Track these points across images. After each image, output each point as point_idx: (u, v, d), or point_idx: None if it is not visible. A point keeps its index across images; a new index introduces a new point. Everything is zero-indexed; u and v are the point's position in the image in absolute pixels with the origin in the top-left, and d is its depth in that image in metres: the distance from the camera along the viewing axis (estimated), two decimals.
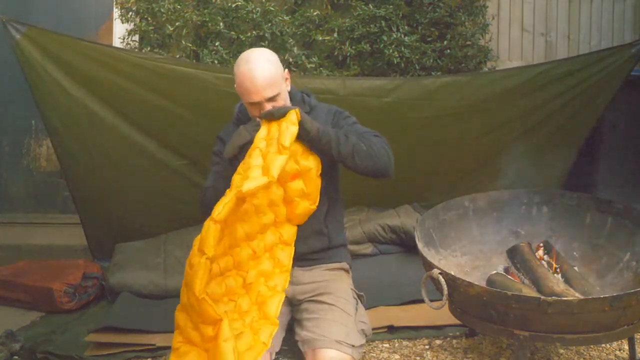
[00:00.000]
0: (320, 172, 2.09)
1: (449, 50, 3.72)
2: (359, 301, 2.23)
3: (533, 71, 3.37)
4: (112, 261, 3.20)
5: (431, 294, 2.20)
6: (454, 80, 3.37)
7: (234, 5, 3.55)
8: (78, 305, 3.00)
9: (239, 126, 2.13)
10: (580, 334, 2.03)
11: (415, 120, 3.27)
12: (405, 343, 2.55)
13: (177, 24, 3.53)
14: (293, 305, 2.21)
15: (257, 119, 2.07)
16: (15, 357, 2.49)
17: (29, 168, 4.42)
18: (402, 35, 3.61)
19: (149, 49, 3.58)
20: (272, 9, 3.57)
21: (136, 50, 3.68)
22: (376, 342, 2.54)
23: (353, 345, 2.02)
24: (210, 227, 1.85)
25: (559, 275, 2.39)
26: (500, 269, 2.47)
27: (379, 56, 3.67)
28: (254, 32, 3.54)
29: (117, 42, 3.88)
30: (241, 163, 1.99)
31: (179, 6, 3.54)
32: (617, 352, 2.42)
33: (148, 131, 3.24)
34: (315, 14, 3.63)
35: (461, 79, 3.41)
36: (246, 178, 1.89)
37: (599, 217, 2.52)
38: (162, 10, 3.52)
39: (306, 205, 2.09)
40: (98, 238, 3.46)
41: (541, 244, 2.52)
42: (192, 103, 3.13)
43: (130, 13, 3.66)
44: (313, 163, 2.06)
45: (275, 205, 2.09)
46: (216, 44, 3.54)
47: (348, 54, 3.66)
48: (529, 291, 2.22)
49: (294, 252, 2.14)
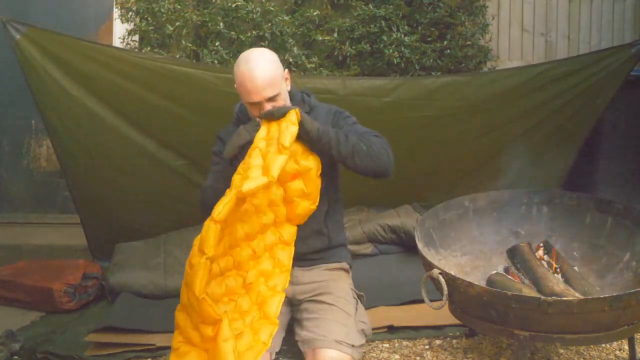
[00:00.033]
0: (320, 172, 2.08)
1: (449, 50, 3.72)
2: (359, 301, 2.24)
3: (533, 71, 3.36)
4: (112, 261, 3.20)
5: (431, 294, 2.19)
6: (454, 80, 3.37)
7: (234, 5, 3.55)
8: (78, 305, 3.00)
9: (239, 126, 2.13)
10: (580, 334, 2.03)
11: (415, 120, 3.27)
12: (405, 343, 2.55)
13: (177, 24, 3.53)
14: (293, 305, 2.21)
15: (257, 119, 2.06)
16: (15, 357, 2.49)
17: (29, 168, 4.42)
18: (402, 35, 3.61)
19: (149, 49, 3.58)
20: (272, 9, 3.57)
21: (136, 50, 3.68)
22: (376, 342, 2.54)
23: (353, 345, 2.02)
24: (210, 227, 1.85)
25: (559, 275, 2.38)
26: (500, 269, 2.47)
27: (379, 56, 3.67)
28: (254, 32, 3.54)
29: (117, 42, 3.88)
30: (241, 163, 1.99)
31: (179, 6, 3.54)
32: (617, 352, 2.42)
33: (148, 131, 3.24)
34: (315, 14, 3.63)
35: (461, 79, 3.41)
36: (246, 178, 1.89)
37: (599, 217, 2.52)
38: (162, 10, 3.52)
39: (306, 206, 2.09)
40: (98, 238, 3.46)
41: (541, 244, 2.52)
42: (192, 103, 3.13)
43: (130, 13, 3.66)
44: (313, 163, 2.06)
45: (275, 205, 2.09)
46: (216, 44, 3.54)
47: (348, 54, 3.66)
48: (529, 291, 2.22)
49: (294, 252, 2.14)
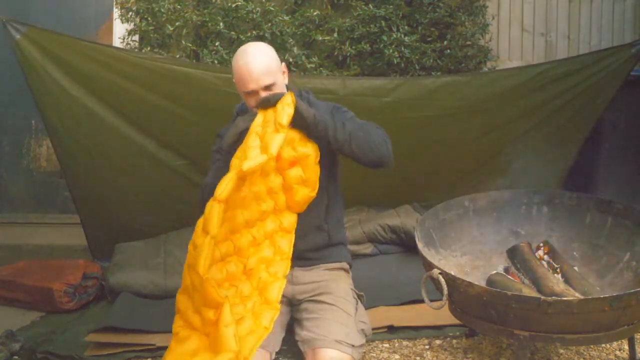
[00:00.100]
0: (318, 159, 2.09)
1: (449, 50, 3.72)
2: (359, 301, 2.24)
3: (533, 71, 3.36)
4: (112, 261, 3.20)
5: (431, 294, 2.19)
6: (454, 80, 3.37)
7: (234, 5, 3.54)
8: (78, 305, 3.00)
9: None
10: (580, 334, 2.03)
11: (415, 120, 3.27)
12: (405, 343, 2.55)
13: (177, 24, 3.53)
14: (293, 305, 2.21)
15: (254, 110, 2.07)
16: (15, 357, 2.49)
17: (29, 168, 4.42)
18: (402, 35, 3.61)
19: (149, 49, 3.58)
20: (272, 9, 3.56)
21: (136, 50, 3.68)
22: (376, 342, 2.54)
23: (353, 345, 2.02)
24: (213, 207, 1.86)
25: (559, 275, 2.38)
26: (500, 269, 2.47)
27: (379, 56, 3.67)
28: (254, 32, 3.54)
29: (117, 42, 3.88)
30: (239, 147, 2.00)
31: (179, 6, 3.54)
32: (617, 352, 2.42)
33: (148, 131, 3.24)
34: (315, 14, 3.63)
35: (461, 79, 3.41)
36: (245, 159, 1.90)
37: (599, 217, 2.52)
38: (162, 10, 3.52)
39: (305, 193, 2.09)
40: (98, 238, 3.45)
41: (541, 244, 2.52)
42: (192, 103, 3.13)
43: (130, 13, 3.66)
44: (311, 150, 2.07)
45: (274, 193, 2.09)
46: (216, 44, 3.54)
47: (348, 54, 3.66)
48: (529, 291, 2.22)
49: (293, 250, 2.13)
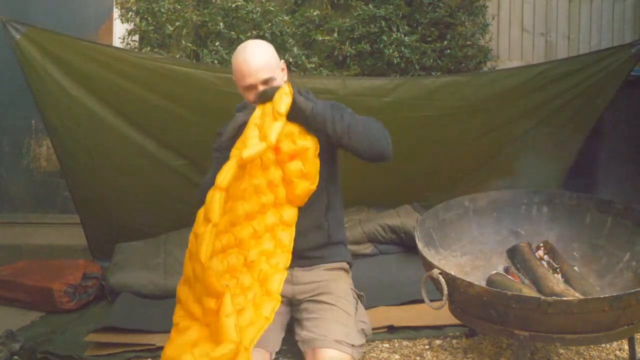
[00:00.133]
0: (318, 152, 2.10)
1: (449, 50, 3.72)
2: (359, 301, 2.24)
3: (533, 71, 3.36)
4: (112, 261, 3.20)
5: (431, 294, 2.19)
6: (454, 80, 3.37)
7: (234, 5, 3.55)
8: (78, 305, 3.00)
9: None
10: (580, 334, 2.03)
11: (415, 120, 3.26)
12: (405, 343, 2.55)
13: (177, 24, 3.53)
14: (293, 305, 2.21)
15: (253, 105, 2.08)
16: (15, 357, 2.48)
17: (29, 168, 4.42)
18: (402, 35, 3.61)
19: (149, 49, 3.58)
20: (272, 9, 3.57)
21: (136, 50, 3.68)
22: (376, 342, 2.54)
23: (353, 345, 2.02)
24: (215, 195, 1.88)
25: (559, 275, 2.39)
26: (500, 269, 2.47)
27: (379, 56, 3.67)
28: (254, 32, 3.54)
29: (117, 42, 3.88)
30: (238, 139, 2.01)
31: (179, 6, 3.54)
32: (617, 352, 2.42)
33: (148, 131, 3.23)
34: (315, 14, 3.63)
35: (461, 79, 3.41)
36: (245, 148, 1.92)
37: (599, 217, 2.52)
38: (162, 10, 3.52)
39: (305, 186, 2.09)
40: (98, 238, 3.45)
41: (541, 244, 2.52)
42: (192, 103, 3.13)
43: (130, 13, 3.66)
44: (310, 143, 2.08)
45: (274, 186, 2.10)
46: (216, 44, 3.54)
47: (348, 54, 3.66)
48: (529, 291, 2.22)
49: (294, 249, 2.13)
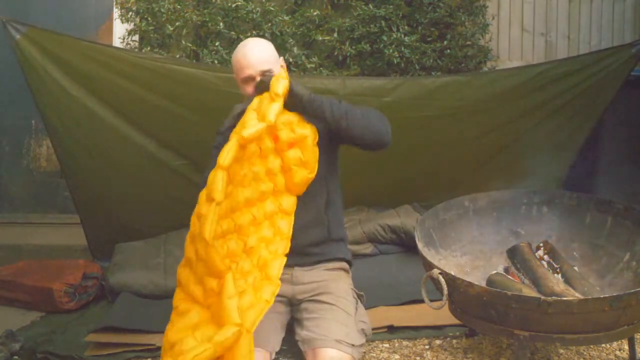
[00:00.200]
0: (317, 141, 2.10)
1: (449, 50, 3.72)
2: (359, 301, 2.24)
3: (533, 71, 3.36)
4: (112, 261, 3.20)
5: (431, 294, 2.20)
6: (453, 80, 3.37)
7: (234, 5, 3.55)
8: (78, 305, 2.99)
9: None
10: (580, 334, 2.04)
11: (415, 120, 3.26)
12: (405, 343, 2.55)
13: (177, 24, 3.53)
14: (293, 305, 2.21)
15: (250, 98, 2.09)
16: (15, 357, 2.49)
17: (29, 168, 4.42)
18: (402, 35, 3.61)
19: (149, 49, 3.58)
20: (272, 9, 3.57)
21: (136, 50, 3.68)
22: (376, 342, 2.54)
23: (353, 345, 2.02)
24: (217, 174, 1.89)
25: (559, 275, 2.39)
26: (500, 269, 2.47)
27: (379, 56, 3.67)
28: (254, 32, 3.54)
29: (117, 42, 3.88)
30: (237, 123, 2.03)
31: (179, 6, 3.54)
32: (617, 352, 2.42)
33: (148, 131, 3.23)
34: (315, 14, 3.63)
35: (461, 79, 3.40)
36: (243, 129, 1.95)
37: (599, 217, 2.52)
38: (162, 10, 3.52)
39: (304, 174, 2.10)
40: (98, 238, 3.45)
41: (541, 244, 2.52)
42: (192, 103, 3.12)
43: (130, 13, 3.66)
44: (309, 131, 2.09)
45: (273, 174, 2.11)
46: (216, 44, 3.54)
47: (348, 54, 3.65)
48: (529, 291, 2.22)
49: (294, 246, 2.12)
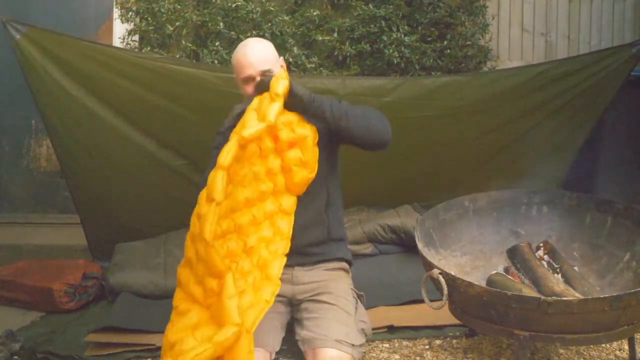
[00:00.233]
0: (317, 141, 2.11)
1: (449, 50, 3.72)
2: (359, 300, 2.24)
3: (533, 71, 3.36)
4: (112, 261, 3.20)
5: (431, 294, 2.20)
6: (453, 80, 3.37)
7: (234, 5, 3.55)
8: (78, 305, 2.99)
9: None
10: (580, 334, 2.04)
11: (415, 120, 3.26)
12: (405, 343, 2.55)
13: (177, 24, 3.53)
14: (293, 305, 2.21)
15: (250, 98, 2.09)
16: (15, 357, 2.49)
17: (29, 168, 4.42)
18: (402, 35, 3.61)
19: (149, 49, 3.58)
20: (272, 9, 3.57)
21: (136, 50, 3.68)
22: (376, 342, 2.54)
23: (353, 345, 2.02)
24: (217, 174, 1.89)
25: (559, 275, 2.39)
26: (500, 269, 2.47)
27: (379, 56, 3.67)
28: (254, 32, 3.54)
29: (117, 42, 3.88)
30: (237, 124, 2.03)
31: (179, 6, 3.54)
32: (617, 352, 2.42)
33: (148, 131, 3.23)
34: (315, 14, 3.63)
35: (461, 79, 3.41)
36: (243, 129, 1.95)
37: (599, 217, 2.52)
38: (162, 10, 3.52)
39: (304, 174, 2.10)
40: (98, 238, 3.45)
41: (541, 244, 2.52)
42: (192, 103, 3.12)
43: (130, 13, 3.66)
44: (309, 131, 2.09)
45: (273, 175, 2.11)
46: (216, 44, 3.54)
47: (348, 54, 3.65)
48: (529, 291, 2.22)
49: (294, 245, 2.12)
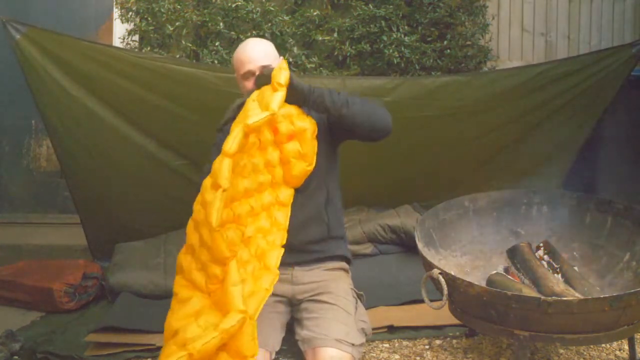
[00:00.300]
0: (316, 134, 2.11)
1: (449, 50, 3.72)
2: (359, 300, 2.24)
3: (533, 71, 3.36)
4: (112, 261, 3.20)
5: (431, 294, 2.20)
6: (453, 80, 3.37)
7: (234, 5, 3.55)
8: (78, 305, 3.00)
9: None
10: (580, 334, 2.04)
11: (415, 120, 3.26)
12: (405, 343, 2.55)
13: (177, 24, 3.53)
14: (293, 305, 2.21)
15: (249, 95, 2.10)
16: (15, 357, 2.49)
17: (29, 168, 4.42)
18: (402, 35, 3.61)
19: (149, 49, 3.58)
20: (272, 9, 3.57)
21: (136, 50, 3.68)
22: (376, 342, 2.54)
23: (353, 344, 2.02)
24: (223, 161, 1.89)
25: (559, 275, 2.39)
26: (500, 269, 2.47)
27: (379, 56, 3.67)
28: (254, 32, 3.54)
29: (117, 42, 3.88)
30: (239, 114, 2.03)
31: (179, 6, 3.54)
32: (617, 352, 2.42)
33: (148, 131, 3.24)
34: (315, 14, 3.63)
35: (461, 79, 3.41)
36: (246, 118, 1.94)
37: (599, 217, 2.52)
38: (162, 10, 3.52)
39: (303, 167, 2.11)
40: (98, 238, 3.45)
41: (541, 244, 2.52)
42: (192, 103, 3.13)
43: (130, 13, 3.66)
44: (308, 124, 2.10)
45: (272, 167, 2.11)
46: (216, 44, 3.54)
47: (348, 54, 3.65)
48: (529, 291, 2.22)
49: (293, 243, 2.12)
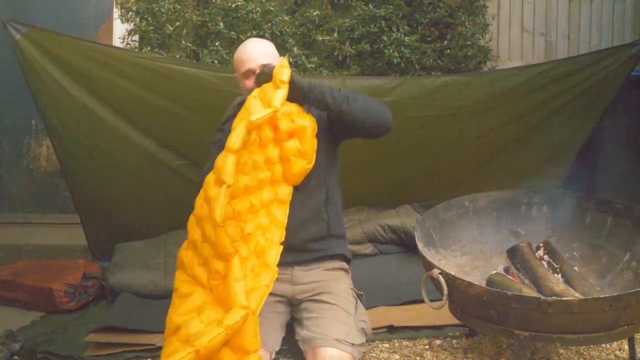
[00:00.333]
0: (316, 132, 2.12)
1: (449, 50, 3.72)
2: (359, 300, 2.24)
3: (533, 71, 3.36)
4: (112, 261, 3.20)
5: (431, 294, 2.20)
6: (453, 80, 3.37)
7: (234, 5, 3.55)
8: (78, 305, 2.99)
9: None
10: (580, 334, 2.04)
11: (415, 120, 3.26)
12: (405, 343, 2.55)
13: (177, 24, 3.53)
14: (293, 305, 2.21)
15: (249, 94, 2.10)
16: (15, 357, 2.49)
17: (29, 168, 4.42)
18: (402, 35, 3.61)
19: (149, 49, 3.58)
20: (272, 9, 3.57)
21: (136, 50, 3.68)
22: (376, 342, 2.54)
23: (353, 344, 2.03)
24: (227, 157, 1.88)
25: (559, 275, 2.39)
26: (500, 269, 2.47)
27: (379, 56, 3.67)
28: (254, 32, 3.54)
29: (117, 42, 3.88)
30: (240, 111, 2.04)
31: (179, 6, 3.54)
32: (617, 352, 2.42)
33: (148, 131, 3.24)
34: (315, 14, 3.63)
35: (461, 79, 3.41)
36: (249, 115, 1.94)
37: (599, 217, 2.52)
38: (162, 10, 3.53)
39: (302, 165, 2.11)
40: (98, 238, 3.45)
41: (541, 244, 2.52)
42: (192, 103, 3.13)
43: (130, 13, 3.66)
44: (309, 122, 2.11)
45: (272, 164, 2.12)
46: (216, 44, 3.54)
47: (348, 54, 3.66)
48: (529, 291, 2.22)
49: (293, 242, 2.13)
